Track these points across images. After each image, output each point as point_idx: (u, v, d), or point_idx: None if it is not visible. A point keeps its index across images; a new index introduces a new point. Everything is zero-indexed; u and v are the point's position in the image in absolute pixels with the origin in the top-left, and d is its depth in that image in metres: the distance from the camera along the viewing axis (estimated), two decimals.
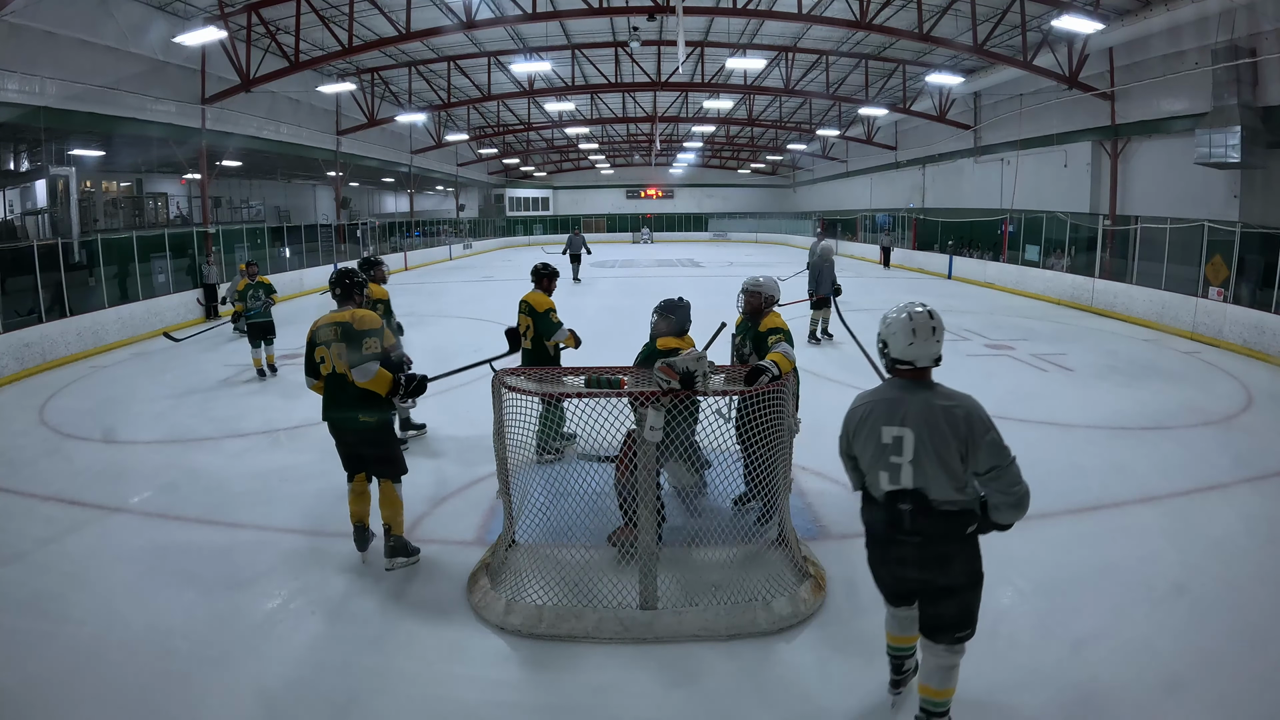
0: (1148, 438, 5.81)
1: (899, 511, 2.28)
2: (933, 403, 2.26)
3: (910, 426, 2.25)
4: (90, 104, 11.54)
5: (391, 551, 3.76)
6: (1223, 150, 11.17)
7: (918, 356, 2.31)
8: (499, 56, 18.60)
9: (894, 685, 2.70)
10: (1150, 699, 2.76)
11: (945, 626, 2.34)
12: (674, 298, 4.17)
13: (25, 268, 9.22)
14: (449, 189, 33.76)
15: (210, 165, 15.49)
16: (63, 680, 2.90)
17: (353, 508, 3.84)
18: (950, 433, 2.20)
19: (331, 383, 3.69)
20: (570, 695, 2.85)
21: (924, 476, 2.23)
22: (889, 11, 13.95)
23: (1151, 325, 11.09)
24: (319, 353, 3.68)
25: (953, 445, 2.20)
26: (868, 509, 2.43)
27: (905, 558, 2.33)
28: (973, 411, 2.23)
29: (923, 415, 2.24)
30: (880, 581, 2.52)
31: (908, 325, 2.31)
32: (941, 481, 2.22)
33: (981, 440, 2.20)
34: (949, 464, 2.21)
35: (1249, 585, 3.54)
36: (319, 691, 2.85)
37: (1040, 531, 4.13)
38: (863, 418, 2.37)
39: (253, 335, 8.16)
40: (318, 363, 3.69)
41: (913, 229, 22.80)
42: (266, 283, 8.37)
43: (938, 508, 2.24)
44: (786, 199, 40.59)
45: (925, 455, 2.22)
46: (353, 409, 3.66)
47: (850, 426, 2.43)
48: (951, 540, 2.27)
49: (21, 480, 5.09)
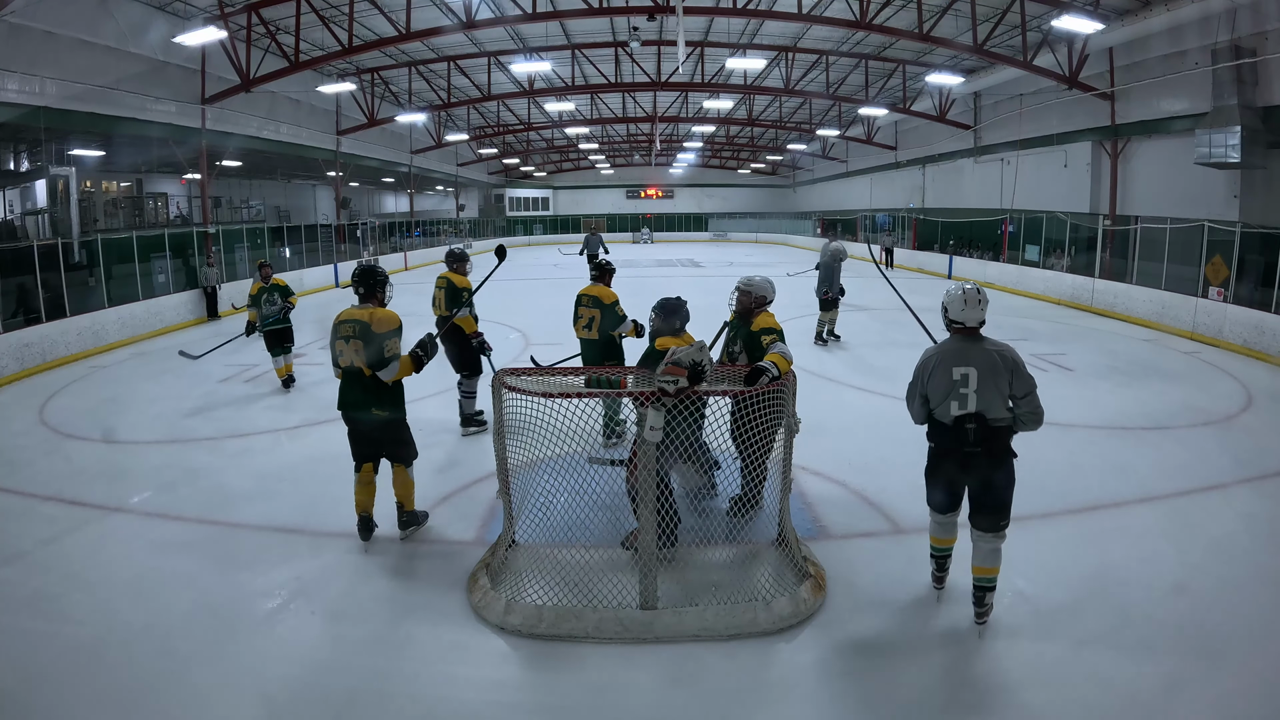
0: (1148, 438, 5.81)
1: (965, 430, 3.07)
2: (987, 349, 3.09)
3: (974, 365, 3.05)
4: (90, 104, 11.53)
5: (403, 524, 4.05)
6: (1223, 150, 11.16)
7: (968, 319, 3.15)
8: (499, 56, 18.60)
9: (938, 581, 3.47)
10: (1150, 698, 2.76)
11: (994, 517, 3.13)
12: (671, 297, 4.16)
13: (25, 268, 9.22)
14: (449, 189, 33.76)
15: (210, 165, 15.48)
16: (63, 680, 2.90)
17: (359, 498, 3.97)
18: (1002, 367, 3.03)
19: (347, 376, 3.84)
20: (570, 695, 2.85)
21: (985, 401, 3.05)
22: (889, 11, 13.94)
23: (1151, 325, 11.09)
24: (337, 346, 3.83)
25: (1004, 377, 3.04)
26: (936, 433, 3.20)
27: (968, 465, 3.11)
28: (1014, 354, 3.10)
29: (982, 358, 3.06)
30: (937, 491, 3.28)
31: (961, 297, 3.15)
32: (997, 404, 3.06)
33: (1021, 373, 3.05)
34: (1001, 391, 3.04)
35: (1249, 585, 3.54)
36: (319, 691, 2.85)
37: (1040, 531, 4.13)
38: (936, 363, 3.13)
39: (270, 343, 7.48)
40: (337, 354, 3.84)
41: (913, 229, 22.80)
42: (282, 284, 7.63)
43: (993, 424, 3.07)
44: (786, 199, 40.58)
45: (985, 386, 3.03)
46: (368, 402, 3.83)
47: (925, 370, 3.17)
48: (1001, 447, 3.10)
49: (21, 480, 5.09)
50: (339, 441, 5.88)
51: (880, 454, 5.32)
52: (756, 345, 3.90)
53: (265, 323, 7.37)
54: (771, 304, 4.22)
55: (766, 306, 4.17)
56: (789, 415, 3.50)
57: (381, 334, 3.71)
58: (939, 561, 3.43)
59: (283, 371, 7.56)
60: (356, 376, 3.80)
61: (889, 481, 4.80)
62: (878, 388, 7.26)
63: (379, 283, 3.93)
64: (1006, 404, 3.07)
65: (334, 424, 6.26)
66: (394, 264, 22.50)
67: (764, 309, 4.14)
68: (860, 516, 4.34)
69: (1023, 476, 4.89)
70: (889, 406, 6.71)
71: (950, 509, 3.29)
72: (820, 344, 9.53)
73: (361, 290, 3.91)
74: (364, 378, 3.78)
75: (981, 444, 3.05)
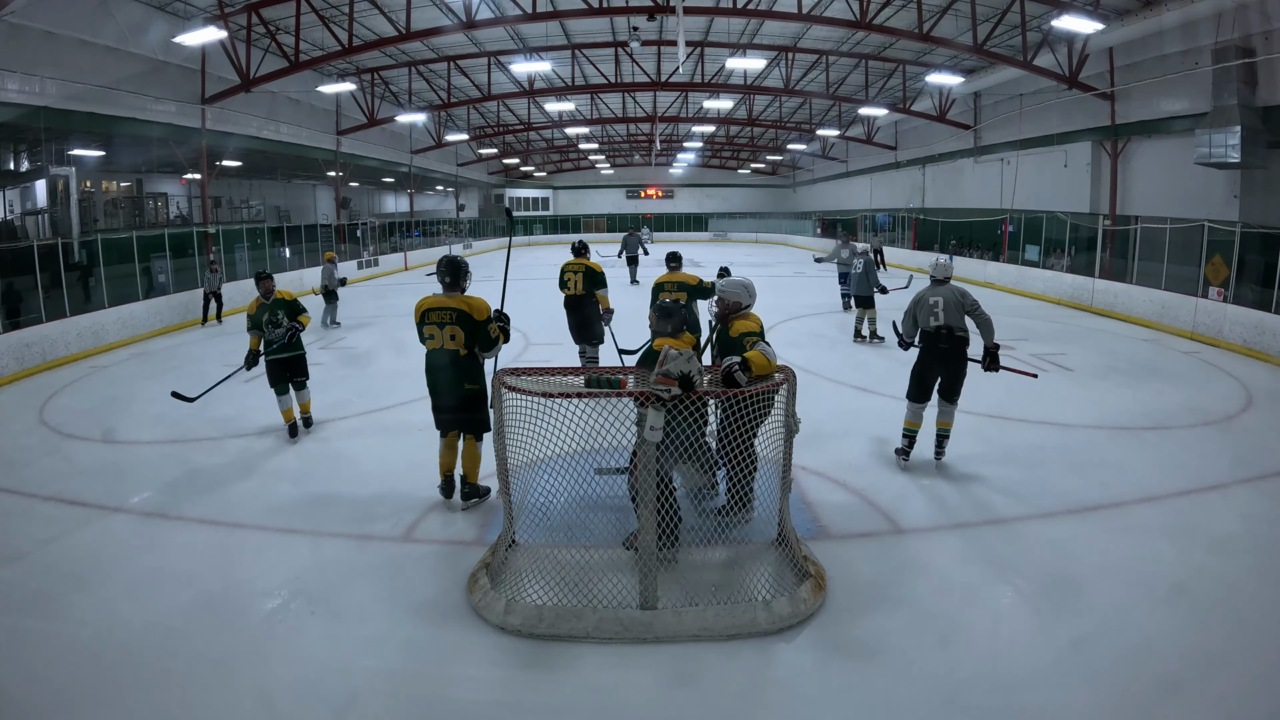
0: (1148, 438, 5.81)
1: (940, 335, 4.94)
2: (950, 288, 5.04)
3: (942, 296, 4.98)
4: (90, 104, 11.54)
5: (466, 496, 4.43)
6: (1223, 150, 11.16)
7: (938, 274, 5.19)
8: (499, 56, 18.60)
9: (904, 454, 5.09)
10: (1150, 699, 2.76)
11: (953, 393, 5.00)
12: (669, 301, 4.17)
13: (25, 267, 9.22)
14: (449, 189, 33.76)
15: (210, 165, 15.49)
16: (63, 680, 2.90)
17: (443, 460, 4.45)
18: (959, 297, 4.96)
19: (439, 356, 4.26)
20: (570, 695, 2.85)
21: (950, 318, 4.93)
22: (889, 11, 13.94)
23: (1151, 325, 11.09)
24: (428, 330, 4.25)
25: (959, 302, 4.93)
26: (923, 339, 5.06)
27: (942, 359, 4.96)
28: (965, 291, 5.03)
29: (948, 292, 5.00)
30: (918, 383, 5.03)
31: (937, 264, 5.28)
32: (958, 319, 4.93)
33: (969, 297, 4.96)
34: (960, 311, 4.93)
35: (1249, 585, 3.54)
36: (319, 692, 2.85)
37: (1040, 531, 4.14)
38: (921, 298, 5.10)
39: (274, 376, 5.82)
40: (426, 338, 4.28)
41: (913, 229, 22.80)
42: (290, 299, 5.95)
43: (957, 334, 4.93)
44: (786, 199, 40.59)
45: (949, 309, 4.93)
46: (460, 379, 4.25)
47: (917, 303, 5.11)
48: (961, 349, 4.96)
49: (21, 480, 5.09)
50: (339, 441, 5.95)
51: (880, 454, 5.32)
52: (734, 349, 3.78)
53: (269, 349, 5.81)
54: (751, 306, 4.14)
55: (743, 310, 4.08)
56: (789, 415, 3.50)
57: (483, 320, 4.20)
58: (909, 439, 5.07)
59: (290, 415, 5.91)
60: (451, 356, 4.22)
61: (889, 481, 4.81)
62: (878, 388, 7.26)
63: (464, 273, 4.37)
64: (964, 320, 4.92)
65: (334, 424, 6.32)
66: (394, 264, 22.49)
67: (741, 313, 4.06)
68: (860, 516, 4.34)
69: (1023, 476, 4.96)
70: (889, 407, 6.70)
71: (922, 399, 5.03)
72: (859, 341, 9.64)
73: (448, 280, 4.32)
74: (458, 357, 4.22)
75: (950, 345, 4.92)
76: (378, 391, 7.31)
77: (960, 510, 4.40)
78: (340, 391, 7.39)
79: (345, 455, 5.55)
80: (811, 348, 9.35)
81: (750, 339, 3.79)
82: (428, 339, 4.28)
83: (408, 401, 6.92)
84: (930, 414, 5.06)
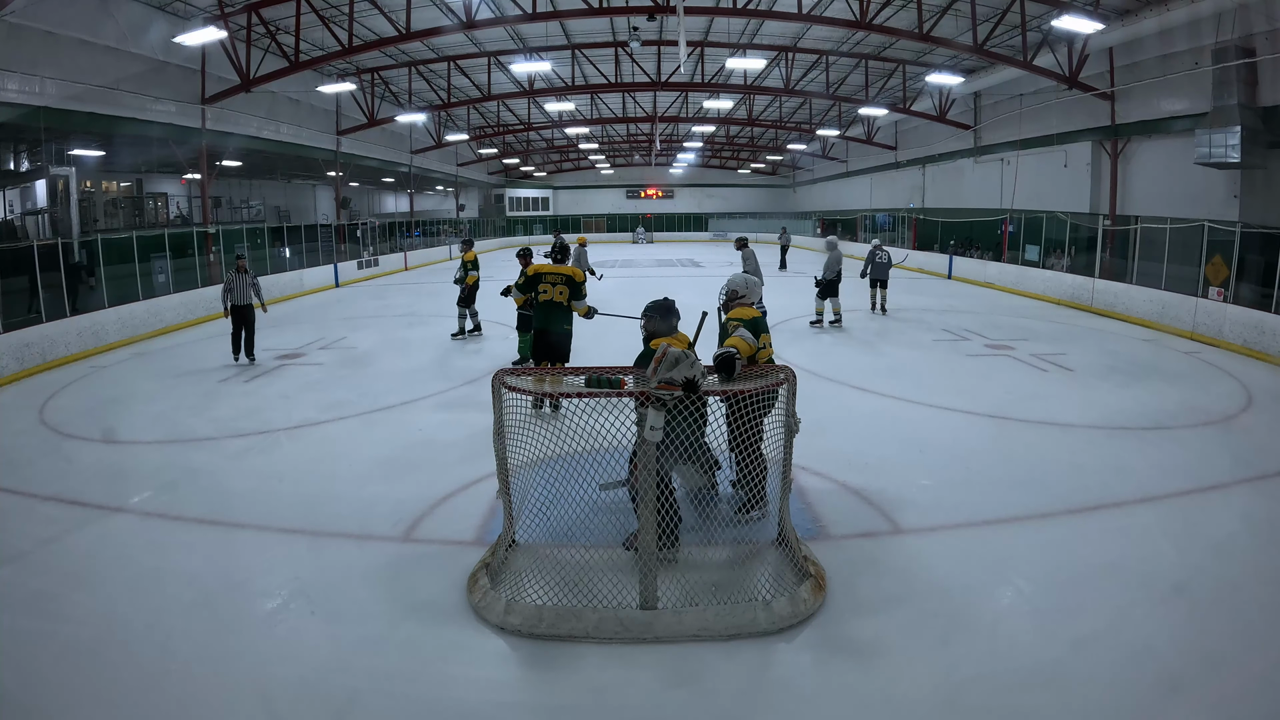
0: (1148, 438, 5.81)
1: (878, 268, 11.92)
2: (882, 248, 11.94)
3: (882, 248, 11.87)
4: (90, 104, 11.53)
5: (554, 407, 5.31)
6: (1223, 150, 11.16)
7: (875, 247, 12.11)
8: (499, 56, 18.60)
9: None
10: (1150, 699, 2.76)
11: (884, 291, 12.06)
12: (660, 299, 4.17)
13: (24, 267, 9.22)
14: (449, 189, 33.75)
15: (210, 165, 15.49)
16: (63, 680, 2.90)
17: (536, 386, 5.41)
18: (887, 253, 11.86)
19: (549, 306, 6.08)
20: (570, 695, 2.85)
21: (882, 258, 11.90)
22: (889, 11, 13.95)
23: (1151, 325, 11.09)
24: (543, 286, 6.06)
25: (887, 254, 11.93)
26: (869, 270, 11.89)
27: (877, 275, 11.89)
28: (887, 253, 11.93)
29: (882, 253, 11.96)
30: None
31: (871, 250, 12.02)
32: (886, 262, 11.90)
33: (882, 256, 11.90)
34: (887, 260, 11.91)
35: (1249, 585, 3.54)
36: (319, 691, 2.85)
37: (1040, 531, 4.14)
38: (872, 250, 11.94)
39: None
40: (540, 293, 6.05)
41: (913, 229, 22.80)
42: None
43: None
44: (786, 199, 40.57)
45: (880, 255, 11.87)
46: (563, 321, 6.13)
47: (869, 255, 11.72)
48: None
49: (21, 480, 5.08)
50: (339, 441, 5.96)
51: (880, 454, 5.32)
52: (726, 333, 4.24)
53: None
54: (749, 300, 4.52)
55: (743, 300, 4.48)
56: (789, 415, 3.50)
57: (580, 282, 6.21)
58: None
59: None
60: (557, 306, 6.07)
61: (889, 481, 4.81)
62: (877, 388, 7.26)
63: (567, 252, 6.91)
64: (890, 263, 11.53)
65: (334, 424, 6.33)
66: (394, 264, 22.49)
67: (739, 302, 4.47)
68: (860, 516, 4.34)
69: (1023, 476, 4.96)
70: (889, 406, 6.71)
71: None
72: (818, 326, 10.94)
73: (558, 256, 6.75)
74: (563, 307, 6.08)
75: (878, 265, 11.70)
76: (378, 391, 7.31)
77: (960, 510, 4.40)
78: (340, 391, 7.39)
79: (345, 455, 5.56)
80: (811, 347, 9.35)
81: (733, 324, 4.13)
82: (542, 293, 6.05)
83: (408, 401, 6.93)
84: None
